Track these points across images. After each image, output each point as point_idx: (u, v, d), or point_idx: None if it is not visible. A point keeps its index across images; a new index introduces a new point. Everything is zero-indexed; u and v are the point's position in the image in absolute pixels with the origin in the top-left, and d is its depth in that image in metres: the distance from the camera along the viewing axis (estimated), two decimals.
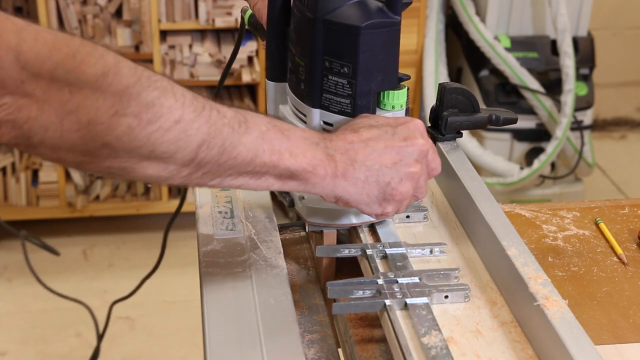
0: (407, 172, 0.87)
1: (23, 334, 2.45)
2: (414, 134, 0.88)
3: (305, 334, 0.91)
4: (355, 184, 0.85)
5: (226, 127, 0.78)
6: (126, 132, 0.71)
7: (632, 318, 0.94)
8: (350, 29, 0.89)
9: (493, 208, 0.97)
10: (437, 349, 0.80)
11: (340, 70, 0.91)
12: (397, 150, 0.87)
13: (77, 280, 2.67)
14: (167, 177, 0.77)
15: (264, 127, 0.81)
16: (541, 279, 0.85)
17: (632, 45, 3.58)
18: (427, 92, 2.83)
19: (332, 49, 0.90)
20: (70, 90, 0.69)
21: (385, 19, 0.90)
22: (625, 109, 3.74)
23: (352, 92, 0.91)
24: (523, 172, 2.82)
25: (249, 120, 0.80)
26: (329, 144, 0.85)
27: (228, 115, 0.79)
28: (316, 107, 0.94)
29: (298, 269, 1.03)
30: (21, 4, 2.70)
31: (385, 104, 0.94)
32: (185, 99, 0.75)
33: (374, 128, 0.88)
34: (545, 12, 2.86)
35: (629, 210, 1.16)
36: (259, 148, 0.80)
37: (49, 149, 0.71)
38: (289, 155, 0.82)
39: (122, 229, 2.93)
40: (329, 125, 0.94)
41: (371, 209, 0.88)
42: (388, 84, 0.93)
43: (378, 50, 0.90)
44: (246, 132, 0.79)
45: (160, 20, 2.66)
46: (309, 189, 0.85)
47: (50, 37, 0.68)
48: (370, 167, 0.86)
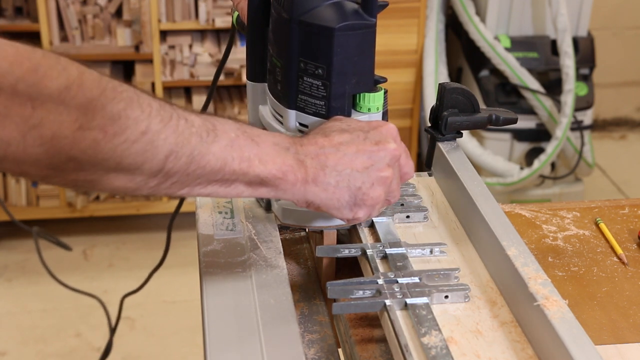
0: (379, 176, 0.86)
1: (23, 334, 2.45)
2: (386, 138, 0.88)
3: (305, 334, 0.91)
4: (326, 189, 0.85)
5: (194, 136, 0.77)
6: (91, 146, 0.70)
7: (632, 318, 0.94)
8: (325, 30, 0.88)
9: (493, 208, 0.97)
10: (437, 349, 0.80)
11: (314, 72, 0.90)
12: (369, 155, 0.86)
13: (77, 280, 2.67)
14: (134, 188, 0.76)
15: (233, 134, 0.80)
16: (541, 279, 0.85)
17: (632, 45, 3.58)
18: (427, 92, 2.84)
19: (307, 50, 0.90)
20: (32, 104, 0.67)
21: (360, 20, 0.89)
22: (625, 109, 3.74)
23: (327, 93, 0.91)
24: (523, 172, 2.82)
25: (217, 127, 0.79)
26: (300, 149, 0.85)
27: (196, 124, 0.78)
28: (292, 108, 0.94)
29: (298, 269, 1.03)
30: (21, 4, 2.70)
31: (361, 106, 0.93)
32: (151, 109, 0.74)
33: (345, 132, 0.87)
34: (545, 12, 2.86)
35: (629, 210, 1.16)
36: (227, 156, 0.79)
37: (12, 163, 0.70)
38: (259, 162, 0.81)
39: (122, 229, 2.93)
40: (304, 127, 0.94)
41: (342, 214, 0.87)
42: (363, 86, 0.92)
43: (353, 52, 0.89)
44: (215, 140, 0.78)
45: (160, 20, 2.66)
46: (280, 195, 0.84)
47: (11, 50, 0.66)
48: (341, 172, 0.85)
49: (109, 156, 0.72)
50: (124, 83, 0.74)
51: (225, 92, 2.89)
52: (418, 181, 1.12)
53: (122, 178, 0.75)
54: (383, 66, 2.82)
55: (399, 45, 2.82)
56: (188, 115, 0.78)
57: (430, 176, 1.14)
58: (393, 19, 2.74)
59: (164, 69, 2.71)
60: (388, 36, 2.77)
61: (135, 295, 1.77)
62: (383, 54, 2.79)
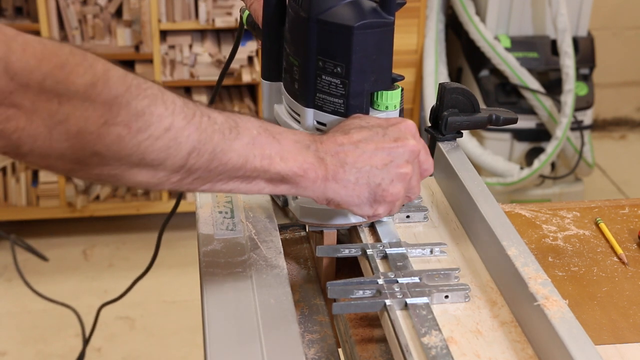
0: (398, 173, 0.87)
1: (23, 334, 2.45)
2: (405, 135, 0.88)
3: (305, 334, 0.91)
4: (346, 186, 0.85)
5: (217, 133, 0.78)
6: (116, 141, 0.71)
7: (632, 318, 0.94)
8: (344, 28, 0.88)
9: (493, 208, 0.97)
10: (437, 349, 0.80)
11: (333, 70, 0.91)
12: (388, 152, 0.87)
13: (77, 280, 2.67)
14: (157, 183, 0.77)
15: (255, 131, 0.81)
16: (541, 279, 0.85)
17: (632, 45, 3.58)
18: (427, 92, 2.83)
19: (325, 48, 0.90)
20: (59, 100, 0.68)
21: (378, 19, 0.89)
22: (625, 109, 3.74)
23: (345, 92, 0.91)
24: (523, 172, 2.82)
25: (240, 125, 0.80)
26: (320, 147, 0.85)
27: (219, 121, 0.79)
28: (310, 106, 0.94)
29: (298, 269, 1.03)
30: (21, 4, 2.70)
31: (379, 104, 0.93)
32: (175, 107, 0.75)
33: (364, 129, 0.88)
34: (545, 12, 2.86)
35: (629, 210, 1.16)
36: (249, 153, 0.80)
37: (38, 157, 0.71)
38: (280, 160, 0.82)
39: (122, 229, 2.93)
40: (322, 125, 0.94)
41: (362, 211, 0.88)
42: (381, 84, 0.93)
43: (371, 50, 0.90)
44: (237, 137, 0.79)
45: (160, 20, 2.66)
46: (300, 192, 0.85)
47: (39, 47, 0.68)
48: (360, 169, 0.86)
49: (132, 152, 0.72)
50: (149, 80, 0.75)
51: (225, 92, 2.89)
52: None
53: (145, 173, 0.75)
54: None
55: (399, 45, 2.80)
56: (211, 112, 0.79)
57: (430, 176, 1.14)
58: None
59: (164, 69, 2.71)
60: None
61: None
62: None
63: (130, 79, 0.73)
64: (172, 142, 0.74)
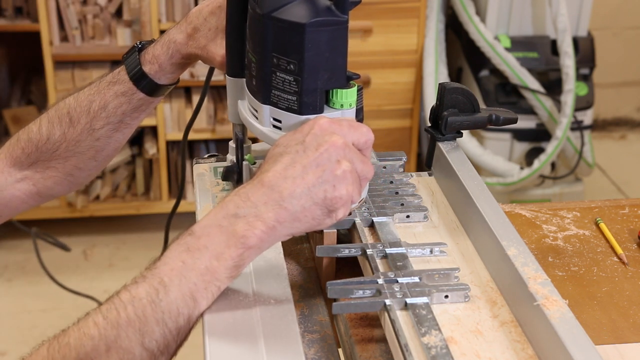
0: (335, 176, 0.83)
1: (23, 334, 2.45)
2: (323, 137, 0.85)
3: (305, 334, 0.91)
4: (297, 218, 0.83)
5: (147, 307, 0.81)
6: None
7: (632, 318, 0.94)
8: (296, 26, 0.89)
9: (493, 208, 0.97)
10: (437, 348, 0.80)
11: (287, 67, 0.91)
12: (316, 164, 0.83)
13: (77, 280, 2.67)
14: None
15: (179, 268, 0.82)
16: (541, 279, 0.85)
17: (632, 45, 3.58)
18: (427, 92, 2.83)
19: (279, 45, 0.91)
20: None
21: (331, 17, 0.90)
22: (625, 109, 3.74)
23: (299, 89, 0.92)
24: (523, 172, 2.82)
25: (163, 278, 0.82)
26: (248, 205, 0.83)
27: (142, 294, 0.81)
28: (266, 103, 0.95)
29: (298, 269, 1.03)
30: (21, 4, 2.70)
31: (334, 102, 0.93)
32: (99, 328, 0.86)
33: (284, 155, 0.85)
34: (545, 12, 2.87)
35: (629, 210, 1.16)
36: (186, 291, 0.82)
37: None
38: (218, 264, 0.82)
39: (122, 229, 2.93)
40: (278, 122, 0.94)
41: (325, 225, 0.86)
42: (335, 82, 0.93)
43: (324, 48, 0.90)
44: (167, 293, 0.81)
45: (160, 20, 2.66)
46: (262, 252, 0.85)
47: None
48: (300, 195, 0.83)
49: None
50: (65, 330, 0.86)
51: (225, 91, 2.89)
52: (418, 181, 1.12)
53: None
54: (383, 66, 2.83)
55: (399, 45, 2.82)
56: (132, 289, 0.83)
57: (430, 176, 1.14)
58: (393, 19, 2.74)
59: None
60: (388, 36, 2.77)
61: None
62: (383, 54, 2.79)
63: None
64: (124, 354, 0.81)
